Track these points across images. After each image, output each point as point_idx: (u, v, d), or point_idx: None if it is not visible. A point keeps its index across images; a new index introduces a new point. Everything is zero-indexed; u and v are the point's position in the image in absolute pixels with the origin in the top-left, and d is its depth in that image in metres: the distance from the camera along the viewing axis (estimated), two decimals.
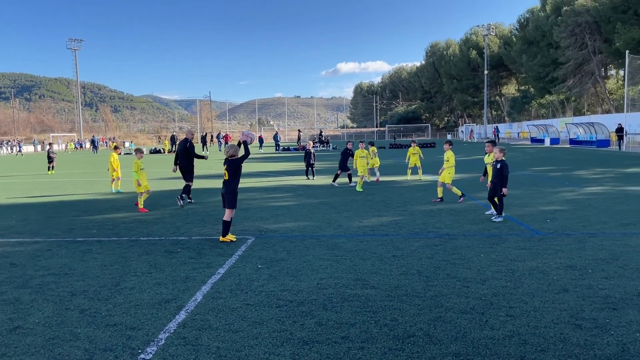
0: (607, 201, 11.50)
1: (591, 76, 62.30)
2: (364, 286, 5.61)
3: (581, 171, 19.46)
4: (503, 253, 6.95)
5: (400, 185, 16.09)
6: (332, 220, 9.91)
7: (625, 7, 51.75)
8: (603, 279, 5.67)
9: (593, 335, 4.15)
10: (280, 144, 51.04)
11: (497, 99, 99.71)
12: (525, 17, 76.57)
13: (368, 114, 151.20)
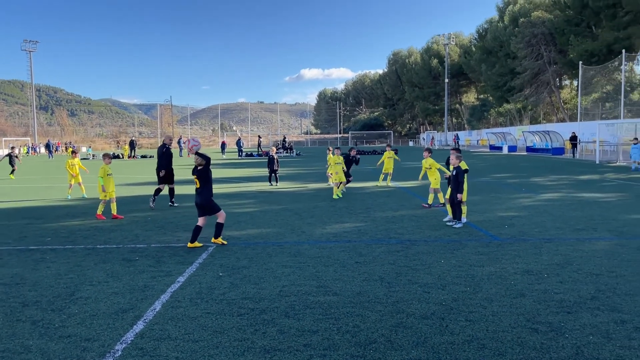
0: (561, 207, 11.87)
1: (547, 86, 64.46)
2: (326, 293, 5.60)
3: (537, 178, 20.05)
4: (463, 258, 7.07)
5: (363, 191, 16.20)
6: (295, 226, 9.88)
7: (578, 20, 53.84)
8: (558, 283, 5.83)
9: (549, 338, 4.26)
10: (243, 150, 50.66)
11: (457, 107, 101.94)
12: (484, 27, 78.69)
13: (332, 120, 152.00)
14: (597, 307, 4.99)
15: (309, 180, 20.81)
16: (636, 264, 6.61)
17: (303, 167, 31.04)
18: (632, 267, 6.43)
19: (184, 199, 14.18)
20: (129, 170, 28.95)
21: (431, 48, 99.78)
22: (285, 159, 41.93)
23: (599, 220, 9.97)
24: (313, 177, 21.97)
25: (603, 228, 9.18)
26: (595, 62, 47.69)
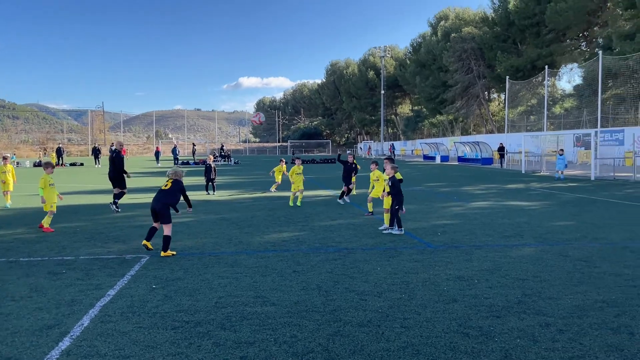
0: (490, 215, 12.39)
1: (476, 98, 67.35)
2: (264, 303, 5.54)
3: (468, 187, 20.85)
4: (398, 266, 7.22)
5: (302, 200, 16.21)
6: (232, 236, 9.74)
7: (505, 36, 56.76)
8: (487, 288, 6.07)
9: (479, 342, 4.41)
10: (179, 158, 49.52)
11: (393, 117, 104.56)
12: (417, 41, 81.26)
13: (270, 128, 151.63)
14: (524, 311, 5.23)
15: (247, 189, 20.62)
16: (559, 269, 6.99)
17: (241, 175, 30.73)
18: (555, 272, 6.80)
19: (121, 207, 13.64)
20: (56, 179, 27.51)
21: (368, 60, 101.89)
22: (223, 167, 41.32)
23: (525, 228, 10.48)
24: (252, 186, 21.80)
25: (529, 235, 9.66)
26: (521, 77, 50.36)
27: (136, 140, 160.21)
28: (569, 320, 4.93)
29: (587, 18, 46.85)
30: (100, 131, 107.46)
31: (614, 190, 18.67)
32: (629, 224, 10.80)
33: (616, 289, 5.99)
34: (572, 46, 53.05)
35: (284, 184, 19.45)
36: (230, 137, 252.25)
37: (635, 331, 4.61)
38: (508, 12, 54.35)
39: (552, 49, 50.60)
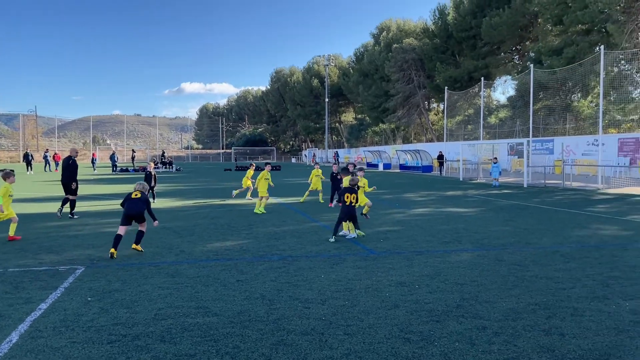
0: (430, 221, 12.73)
1: (417, 108, 69.16)
2: (205, 314, 5.43)
3: (409, 194, 21.33)
4: (342, 273, 7.27)
5: (246, 208, 16.07)
6: (173, 245, 9.51)
7: (444, 48, 58.68)
8: (428, 293, 6.22)
9: (420, 347, 4.50)
10: (118, 165, 47.91)
11: (337, 125, 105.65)
12: (360, 51, 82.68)
13: (214, 135, 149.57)
14: (462, 314, 5.39)
15: (189, 196, 20.20)
16: (494, 273, 7.26)
17: (183, 183, 30.08)
18: (491, 276, 7.05)
19: (47, 217, 13.04)
20: None
21: (312, 68, 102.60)
22: (164, 174, 40.31)
23: (463, 233, 10.83)
24: (194, 194, 21.35)
25: (467, 240, 9.99)
26: (459, 87, 52.18)
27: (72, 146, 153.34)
28: (504, 323, 5.12)
29: (519, 33, 49.22)
30: (33, 136, 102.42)
31: (545, 197, 19.64)
32: (559, 229, 11.38)
33: (547, 291, 6.28)
34: (506, 59, 55.54)
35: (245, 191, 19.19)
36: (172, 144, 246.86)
37: (566, 332, 4.85)
38: (447, 25, 56.27)
39: (488, 62, 52.76)
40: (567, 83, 38.34)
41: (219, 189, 24.86)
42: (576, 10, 36.15)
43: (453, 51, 58.34)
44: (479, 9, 51.24)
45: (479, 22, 50.38)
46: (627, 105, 38.22)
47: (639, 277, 6.95)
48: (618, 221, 12.69)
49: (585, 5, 35.17)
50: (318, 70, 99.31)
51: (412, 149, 53.23)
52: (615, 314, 5.37)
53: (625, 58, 34.16)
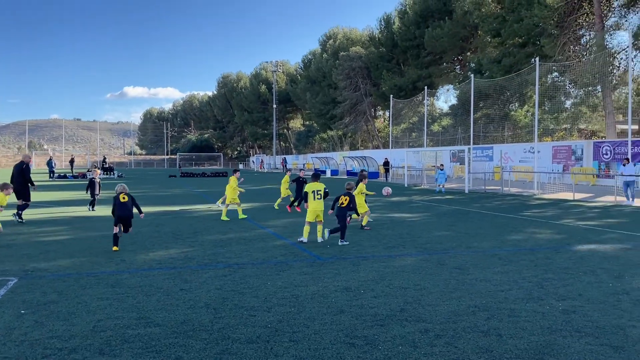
0: (376, 227, 12.92)
1: (364, 115, 70.21)
2: (147, 324, 5.28)
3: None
4: (288, 279, 7.26)
5: (190, 215, 15.78)
6: (114, 254, 9.20)
7: (389, 57, 59.96)
8: (373, 298, 6.30)
9: (364, 352, 4.56)
10: (55, 171, 45.93)
11: (285, 131, 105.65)
12: (308, 58, 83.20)
13: (158, 140, 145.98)
14: (405, 318, 5.50)
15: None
16: (437, 276, 7.46)
17: None
18: (433, 280, 7.24)
19: None
20: None
21: (260, 74, 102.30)
22: (104, 180, 38.96)
23: (408, 238, 11.06)
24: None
25: (410, 245, 10.21)
26: (403, 95, 53.41)
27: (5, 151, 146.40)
28: (445, 325, 5.27)
29: (460, 44, 51.00)
30: None
31: (485, 202, 20.36)
32: (498, 233, 11.83)
33: (486, 294, 6.51)
34: (448, 69, 57.39)
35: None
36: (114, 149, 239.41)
37: (503, 333, 5.04)
38: (392, 34, 57.55)
39: (431, 71, 54.35)
40: (506, 93, 40.04)
41: (164, 195, 24.29)
42: (513, 24, 37.87)
43: (398, 60, 59.72)
44: (423, 19, 52.75)
45: (422, 32, 51.84)
46: (560, 114, 40.30)
47: (570, 279, 7.32)
48: (552, 225, 13.33)
49: (521, 19, 36.89)
50: (266, 76, 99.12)
51: (359, 155, 53.94)
52: (549, 314, 5.63)
53: (558, 70, 36.05)
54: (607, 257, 8.97)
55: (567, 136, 42.75)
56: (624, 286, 6.88)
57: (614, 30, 35.99)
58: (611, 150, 28.77)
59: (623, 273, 7.66)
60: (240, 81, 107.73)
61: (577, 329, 5.15)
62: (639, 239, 10.95)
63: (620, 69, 34.74)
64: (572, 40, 36.36)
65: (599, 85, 34.53)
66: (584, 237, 11.20)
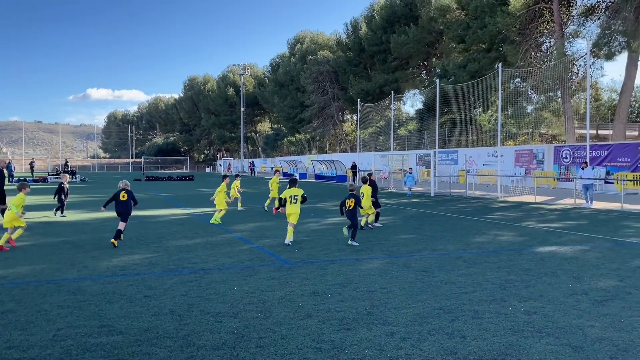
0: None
1: (332, 119, 70.51)
2: (110, 333, 5.16)
3: (324, 203, 21.64)
4: (255, 284, 7.21)
5: (156, 220, 15.52)
6: (76, 261, 8.96)
7: (357, 61, 60.39)
8: (340, 302, 6.32)
9: (331, 356, 4.56)
10: (15, 175, 44.47)
11: (253, 135, 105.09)
12: (276, 61, 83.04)
13: (123, 144, 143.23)
14: (372, 321, 5.53)
15: (95, 209, 19.17)
16: (403, 279, 7.53)
17: (89, 194, 28.49)
18: (399, 283, 7.31)
19: None
20: None
21: (227, 77, 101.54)
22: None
23: (375, 242, 11.15)
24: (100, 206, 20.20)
25: (377, 248, 10.29)
26: (371, 100, 53.87)
27: None
28: (411, 328, 5.32)
29: (426, 49, 51.77)
30: None
31: (450, 205, 20.70)
32: (462, 236, 12.04)
33: (451, 296, 6.61)
34: (414, 74, 58.14)
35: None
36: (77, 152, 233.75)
37: (467, 334, 5.13)
38: (360, 39, 57.99)
39: (397, 76, 54.96)
40: (470, 98, 40.84)
41: None
42: (477, 30, 38.70)
43: (365, 64, 60.20)
44: (389, 24, 53.34)
45: (388, 37, 52.41)
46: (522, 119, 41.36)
47: (532, 280, 7.51)
48: (514, 227, 13.65)
49: (484, 26, 37.74)
50: (233, 79, 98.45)
51: (327, 159, 54.06)
52: (512, 315, 5.76)
53: (520, 76, 37.01)
54: (566, 258, 9.24)
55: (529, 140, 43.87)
56: (583, 287, 7.10)
57: (573, 37, 37.20)
58: (571, 154, 29.67)
59: (582, 274, 7.90)
60: (208, 84, 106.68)
61: (538, 329, 5.28)
62: (597, 241, 11.32)
63: (579, 75, 35.90)
64: (533, 47, 37.38)
65: (559, 91, 35.59)
66: (545, 239, 11.50)
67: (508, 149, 35.34)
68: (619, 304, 6.20)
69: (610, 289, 6.98)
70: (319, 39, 72.47)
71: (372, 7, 57.55)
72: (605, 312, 5.86)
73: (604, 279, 7.59)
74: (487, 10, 37.90)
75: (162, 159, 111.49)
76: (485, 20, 37.58)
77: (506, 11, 35.57)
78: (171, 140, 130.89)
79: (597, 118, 46.91)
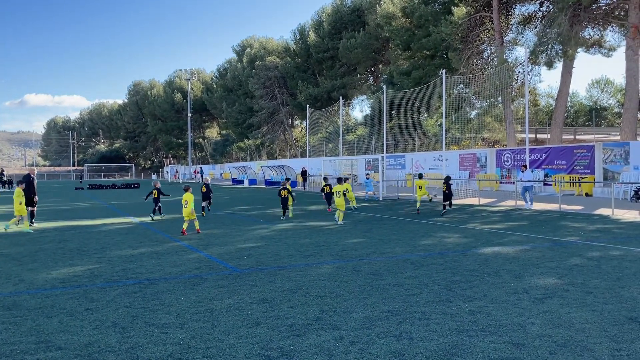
0: (294, 236, 12.95)
1: (281, 124, 70.46)
2: (48, 349, 4.92)
3: (274, 209, 21.53)
4: (203, 293, 7.07)
5: (99, 229, 14.97)
6: (11, 274, 8.51)
7: (305, 67, 60.70)
8: (289, 308, 6.29)
9: None
10: None
11: (201, 141, 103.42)
12: (224, 66, 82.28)
13: (63, 151, 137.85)
14: (321, 327, 5.53)
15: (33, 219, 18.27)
16: (352, 283, 7.58)
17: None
18: (349, 287, 7.35)
19: None
20: None
21: (174, 82, 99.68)
22: (2, 194, 36.08)
23: (324, 246, 11.18)
24: (39, 216, 19.29)
25: (327, 253, 10.32)
26: (319, 106, 54.23)
27: None
28: (360, 331, 5.36)
29: (373, 56, 52.67)
30: None
31: (398, 209, 21.06)
32: (409, 239, 12.26)
33: (399, 298, 6.71)
34: (361, 80, 59.03)
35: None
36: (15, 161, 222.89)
37: (414, 336, 5.21)
38: (308, 45, 58.29)
39: (345, 82, 55.63)
40: (416, 103, 41.81)
41: (69, 209, 22.90)
42: (421, 38, 39.70)
43: (314, 70, 60.59)
44: (337, 31, 53.94)
45: (336, 44, 52.96)
46: (466, 124, 42.69)
47: (476, 280, 7.73)
48: (459, 229, 14.03)
49: (429, 34, 38.76)
50: (180, 85, 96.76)
51: (277, 164, 53.92)
52: (457, 316, 5.90)
53: (463, 82, 38.21)
54: (508, 258, 9.57)
55: (472, 145, 45.30)
56: (524, 285, 7.36)
57: (512, 45, 38.81)
58: (512, 158, 30.84)
59: (523, 273, 8.20)
60: (154, 89, 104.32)
61: (482, 328, 5.43)
62: (537, 241, 11.79)
63: (519, 81, 37.45)
64: (475, 54, 38.71)
65: (500, 96, 36.99)
66: (488, 240, 11.88)
67: (453, 153, 36.36)
68: (557, 301, 6.47)
69: (550, 286, 7.27)
70: (267, 44, 72.34)
71: (320, 14, 58.03)
72: (544, 309, 6.10)
73: (544, 277, 7.91)
74: (431, 19, 38.98)
75: (105, 166, 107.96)
76: (429, 29, 38.60)
77: (449, 20, 36.69)
78: (115, 147, 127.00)
79: (536, 123, 49.08)
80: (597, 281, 7.54)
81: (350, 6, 53.97)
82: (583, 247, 10.79)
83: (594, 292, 6.92)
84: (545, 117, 50.86)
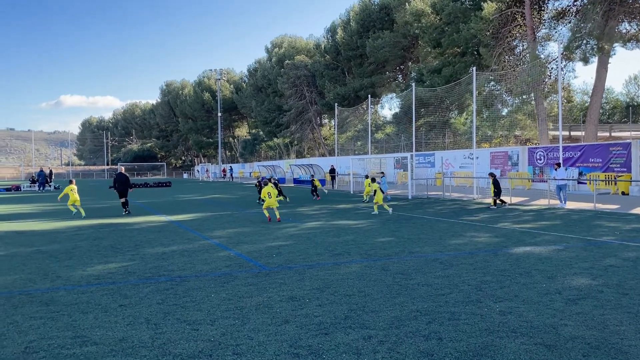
0: (322, 234, 12.98)
1: (309, 123, 70.58)
2: (84, 343, 5.07)
3: (302, 208, 21.62)
4: (233, 291, 7.17)
5: (132, 227, 15.31)
6: (49, 270, 8.79)
7: (334, 65, 60.60)
8: (317, 306, 6.32)
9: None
10: None
11: (230, 140, 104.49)
12: (254, 66, 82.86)
13: (98, 150, 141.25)
14: (350, 325, 5.55)
15: (68, 217, 18.83)
16: (380, 282, 7.57)
17: (62, 202, 27.94)
18: (377, 286, 7.34)
19: None
20: None
21: (203, 82, 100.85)
22: (40, 193, 37.25)
23: (352, 245, 11.18)
24: (74, 214, 19.85)
25: (355, 252, 10.32)
26: (347, 104, 54.09)
27: None
28: (388, 331, 5.35)
29: (402, 53, 52.22)
30: None
31: (427, 208, 20.88)
32: (439, 238, 12.15)
33: (428, 298, 6.67)
34: (390, 78, 58.59)
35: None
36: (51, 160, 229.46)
37: (443, 336, 5.17)
38: (337, 43, 58.22)
39: (374, 80, 55.30)
40: (446, 101, 41.27)
41: (103, 207, 23.48)
42: (452, 34, 39.19)
43: (342, 69, 60.45)
44: (365, 29, 53.68)
45: (364, 42, 52.73)
46: (497, 122, 41.97)
47: (507, 281, 7.61)
48: (490, 229, 13.83)
49: (459, 30, 38.24)
50: (209, 85, 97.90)
51: (305, 163, 54.08)
52: (487, 316, 5.83)
53: (494, 79, 37.57)
54: (541, 258, 9.39)
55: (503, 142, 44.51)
56: (557, 286, 7.22)
57: (545, 41, 37.96)
58: (544, 156, 30.19)
59: (556, 274, 8.04)
60: (185, 89, 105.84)
61: (512, 329, 5.35)
62: (570, 241, 11.54)
63: (552, 78, 36.61)
64: (507, 50, 38.01)
65: (533, 93, 36.23)
66: (520, 240, 11.68)
67: (483, 151, 35.81)
68: (591, 303, 6.32)
69: (583, 287, 7.12)
70: (296, 43, 72.55)
71: (349, 12, 57.88)
72: (578, 311, 5.97)
73: (577, 278, 7.74)
74: (461, 15, 38.44)
75: (138, 165, 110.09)
76: (459, 26, 38.08)
77: (479, 16, 36.12)
78: (148, 147, 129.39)
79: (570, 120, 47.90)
80: (633, 282, 7.34)
81: (379, 4, 53.64)
82: (619, 247, 10.51)
83: (629, 293, 6.74)
84: (579, 114, 49.58)
